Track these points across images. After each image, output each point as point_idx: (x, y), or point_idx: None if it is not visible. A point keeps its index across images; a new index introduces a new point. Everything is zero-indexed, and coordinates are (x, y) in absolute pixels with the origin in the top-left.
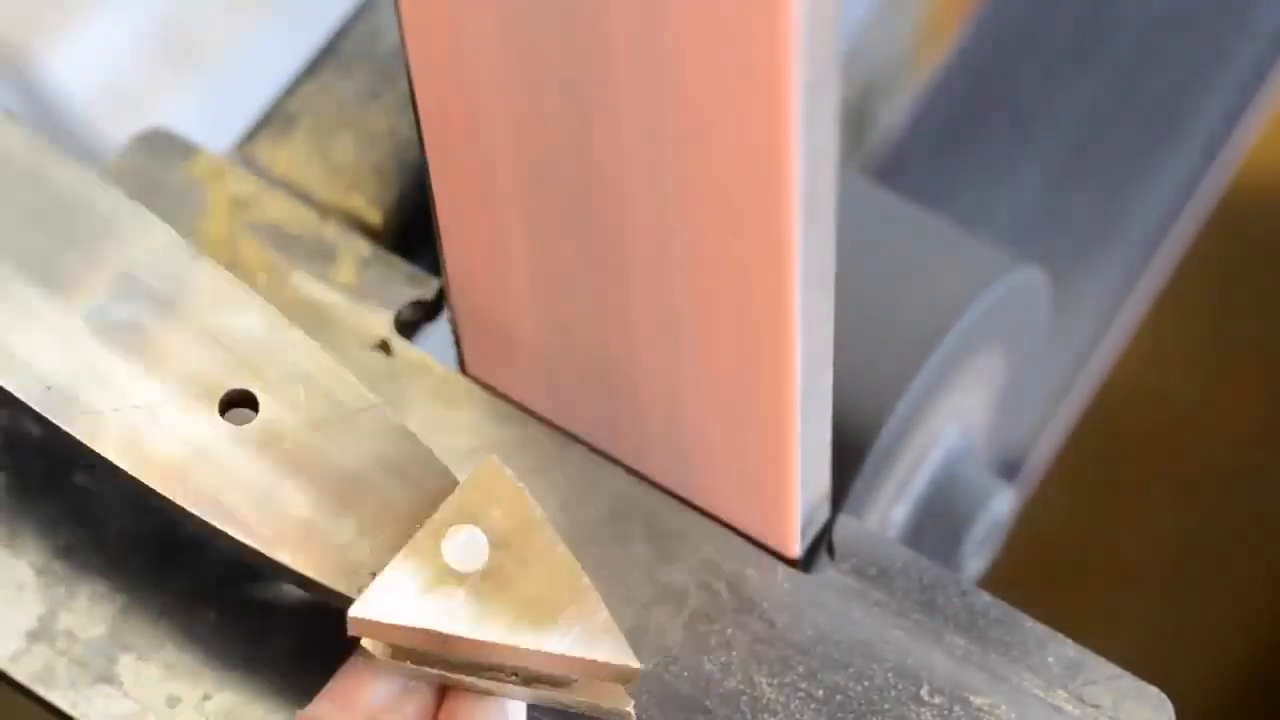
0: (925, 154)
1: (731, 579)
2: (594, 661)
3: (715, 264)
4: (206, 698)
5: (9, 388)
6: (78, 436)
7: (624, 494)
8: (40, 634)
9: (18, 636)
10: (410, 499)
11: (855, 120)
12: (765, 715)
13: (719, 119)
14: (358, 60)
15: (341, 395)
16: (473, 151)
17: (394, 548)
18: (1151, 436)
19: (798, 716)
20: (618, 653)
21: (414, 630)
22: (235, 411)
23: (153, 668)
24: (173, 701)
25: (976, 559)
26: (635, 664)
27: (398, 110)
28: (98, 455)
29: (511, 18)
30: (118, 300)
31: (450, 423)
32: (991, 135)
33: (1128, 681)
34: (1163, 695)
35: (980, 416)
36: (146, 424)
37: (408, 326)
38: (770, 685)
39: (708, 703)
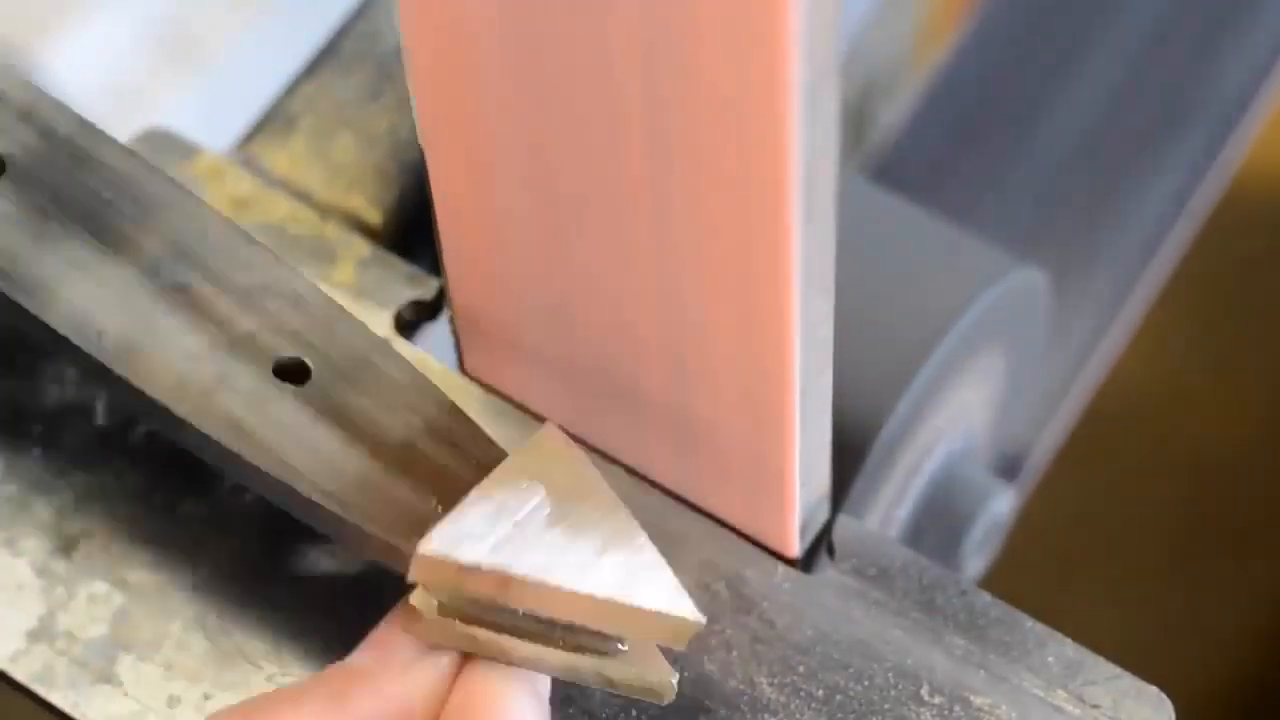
0: (924, 154)
1: (731, 579)
2: (655, 612)
3: (715, 264)
4: (207, 698)
5: (61, 330)
6: (135, 383)
7: (624, 494)
8: (40, 634)
9: (18, 636)
10: (462, 466)
11: (855, 120)
12: (765, 715)
13: (718, 119)
14: (358, 60)
15: (392, 373)
16: (471, 151)
17: (452, 508)
18: (1152, 435)
19: (798, 716)
20: (678, 604)
21: (479, 572)
22: (289, 376)
23: (153, 668)
24: (173, 702)
25: (976, 559)
26: (697, 617)
27: (398, 110)
28: (155, 406)
29: (511, 15)
30: (170, 265)
31: None
32: (991, 135)
33: (1127, 681)
34: (1162, 695)
35: (980, 416)
36: (201, 376)
37: (408, 326)
38: (770, 685)
39: (708, 703)
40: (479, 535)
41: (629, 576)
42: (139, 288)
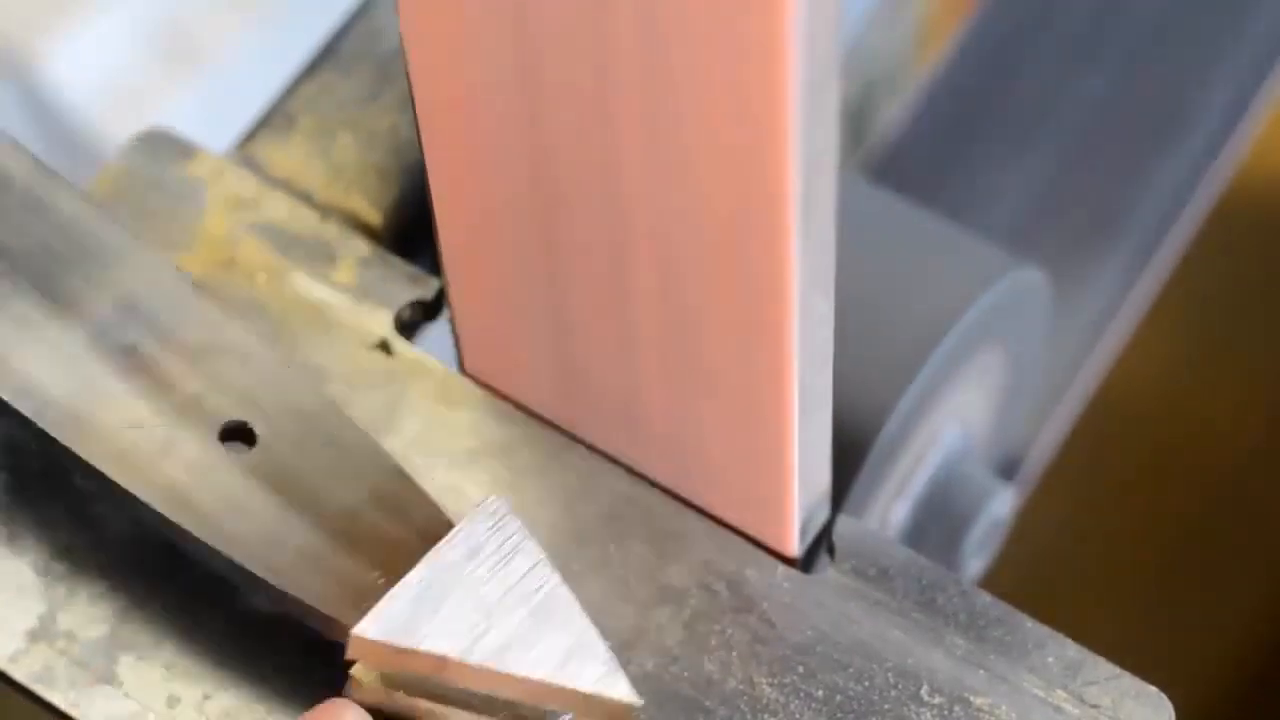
0: (923, 153)
1: (731, 579)
2: (590, 695)
3: (714, 263)
4: (207, 698)
5: (8, 399)
6: (77, 451)
7: (624, 494)
8: (40, 634)
9: (18, 636)
10: (406, 534)
11: (855, 120)
12: (765, 715)
13: (717, 120)
14: (358, 60)
15: (340, 434)
16: (470, 152)
17: (393, 580)
18: (1152, 437)
19: (798, 717)
20: (614, 687)
21: (415, 654)
22: (234, 442)
23: (153, 668)
24: (173, 702)
25: (976, 559)
26: (633, 699)
27: (398, 110)
28: (98, 472)
29: (511, 18)
30: (119, 324)
31: (450, 423)
32: (990, 134)
33: (1128, 681)
34: (1162, 695)
35: (980, 416)
36: (146, 446)
37: (408, 326)
38: (770, 685)
39: (708, 703)
40: (416, 618)
41: (566, 657)
42: (87, 351)
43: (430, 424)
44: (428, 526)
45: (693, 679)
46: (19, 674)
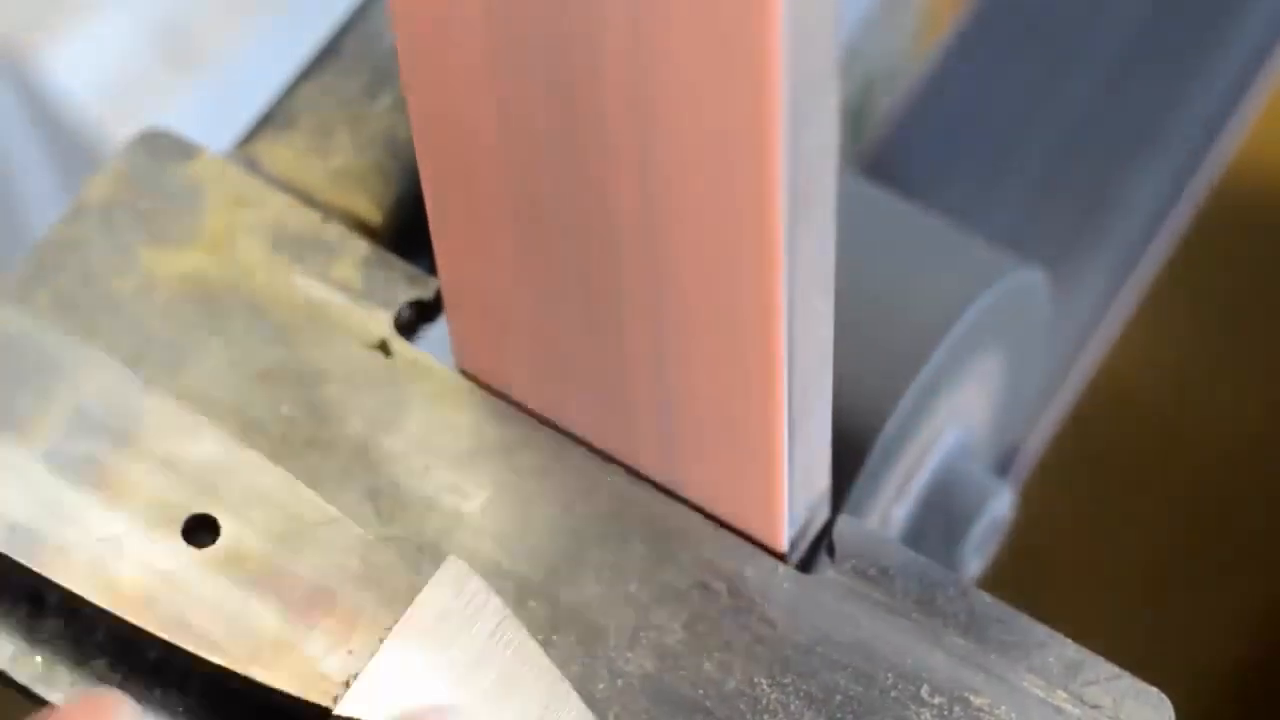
0: (917, 150)
1: (731, 579)
2: None
3: (704, 262)
4: None
5: None
6: (45, 574)
7: (624, 494)
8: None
9: (19, 636)
10: (378, 605)
11: (855, 119)
12: (765, 715)
13: (707, 119)
14: (358, 60)
15: (300, 510)
16: (462, 152)
17: (367, 654)
18: (1151, 434)
19: (798, 717)
20: None
21: None
22: (198, 536)
23: None
24: None
25: (976, 558)
26: None
27: (398, 110)
28: (65, 589)
29: (499, 14)
30: (73, 437)
31: (450, 424)
32: (986, 130)
33: (1128, 682)
34: (1163, 695)
35: (980, 416)
36: (111, 555)
37: (407, 327)
38: (770, 685)
39: (708, 703)
40: (392, 693)
41: (543, 712)
42: (45, 470)
43: (430, 424)
44: (400, 592)
45: (693, 679)
46: (20, 675)
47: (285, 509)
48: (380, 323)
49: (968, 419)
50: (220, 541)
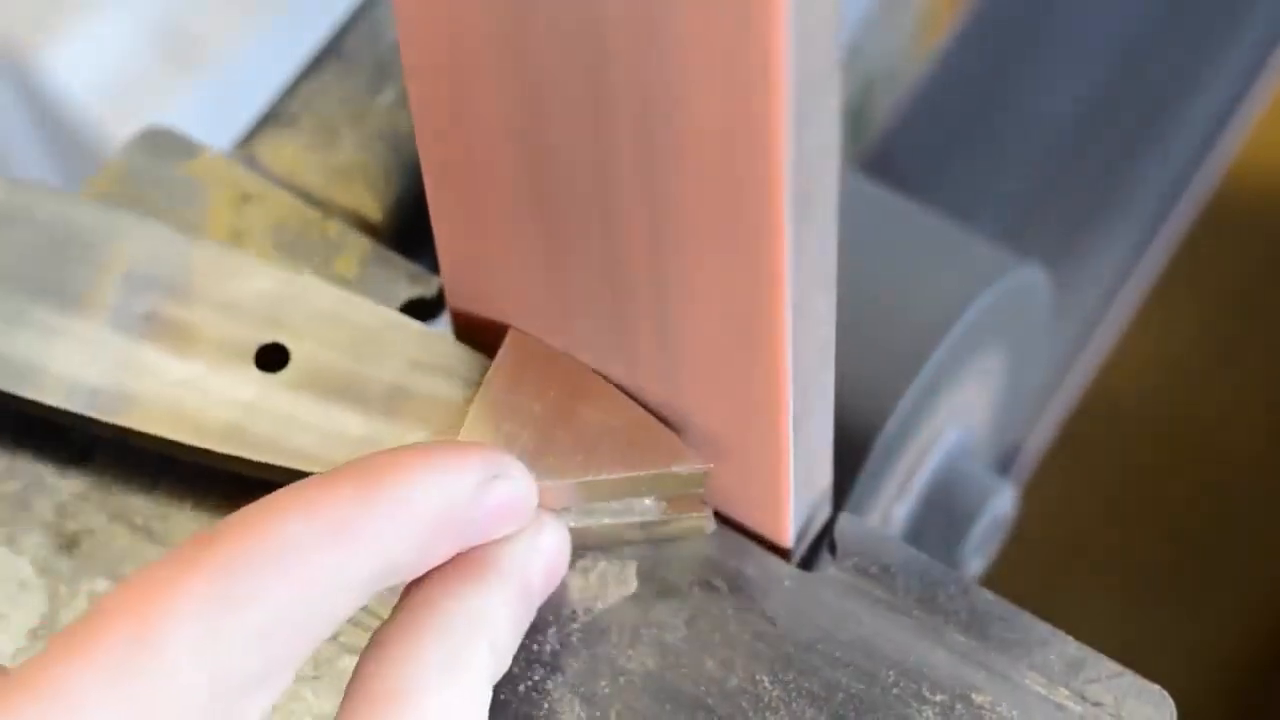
0: (917, 149)
1: (732, 577)
2: (663, 474)
3: (707, 262)
4: None
5: (56, 404)
6: (135, 427)
7: None
8: (42, 632)
9: (20, 634)
10: (453, 390)
11: (855, 118)
12: (767, 713)
13: (709, 120)
14: (358, 59)
15: (361, 319)
16: (466, 146)
17: (452, 434)
18: (1156, 431)
19: (799, 714)
20: (682, 458)
21: None
22: (270, 364)
23: None
24: None
25: (978, 557)
26: (700, 467)
27: (399, 107)
28: (155, 438)
29: (503, 6)
30: (131, 298)
31: None
32: (986, 127)
33: (1129, 679)
34: (1164, 693)
35: (981, 415)
36: (193, 397)
37: None
38: (772, 683)
39: (710, 700)
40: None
41: (630, 447)
42: (112, 333)
43: None
44: (470, 375)
45: (694, 677)
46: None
47: (347, 321)
48: None
49: (969, 417)
50: (292, 364)
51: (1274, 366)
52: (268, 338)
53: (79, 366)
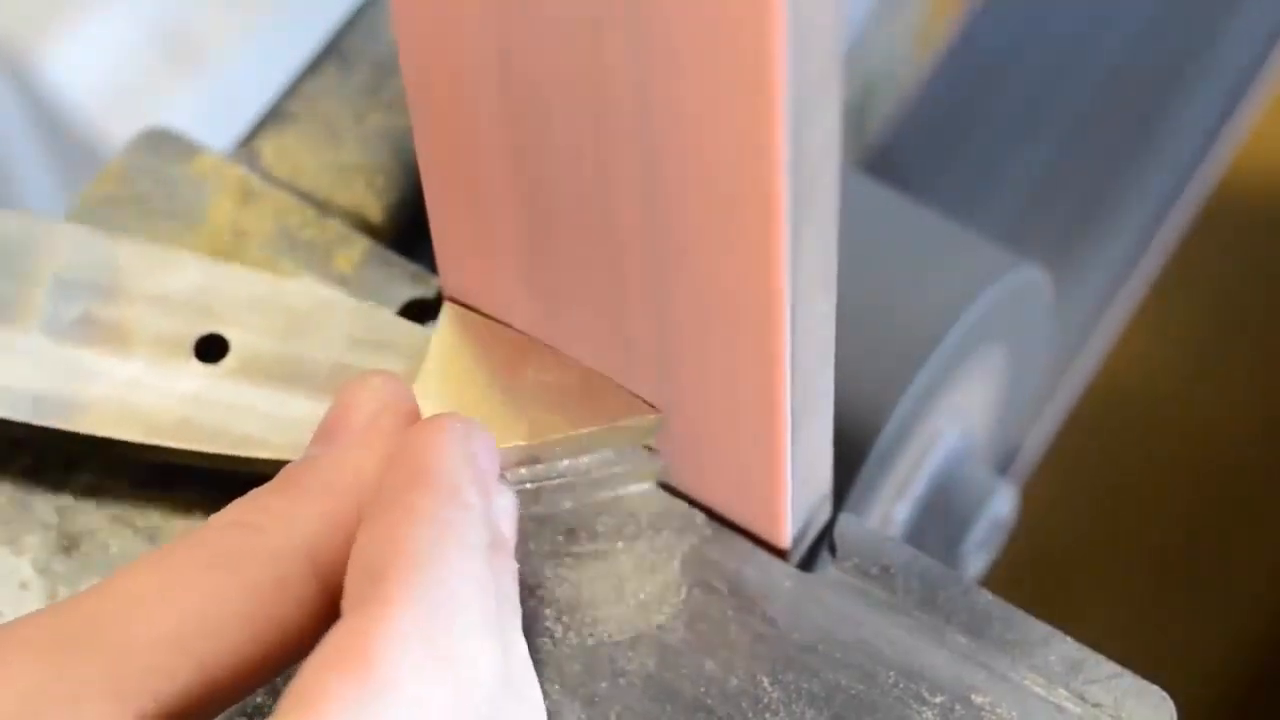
0: (917, 148)
1: (732, 578)
2: (613, 428)
3: (706, 262)
4: None
5: (8, 415)
6: (81, 430)
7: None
8: None
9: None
10: (396, 364)
11: (856, 118)
12: (767, 714)
13: (710, 119)
14: (358, 59)
15: (293, 302)
16: (464, 145)
17: None
18: (1153, 432)
19: (799, 715)
20: (631, 410)
21: None
22: (210, 355)
23: None
24: None
25: (978, 557)
26: (654, 415)
27: (398, 109)
28: (104, 441)
29: (501, 7)
30: (62, 304)
31: None
32: (985, 129)
33: (1129, 680)
34: (1164, 694)
35: (981, 415)
36: (137, 395)
37: None
38: (772, 684)
39: (709, 701)
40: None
41: (579, 404)
42: (47, 340)
43: None
44: (410, 348)
45: (694, 678)
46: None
47: (280, 305)
48: None
49: (969, 417)
50: (232, 353)
51: (1274, 367)
52: (204, 329)
53: (19, 380)
